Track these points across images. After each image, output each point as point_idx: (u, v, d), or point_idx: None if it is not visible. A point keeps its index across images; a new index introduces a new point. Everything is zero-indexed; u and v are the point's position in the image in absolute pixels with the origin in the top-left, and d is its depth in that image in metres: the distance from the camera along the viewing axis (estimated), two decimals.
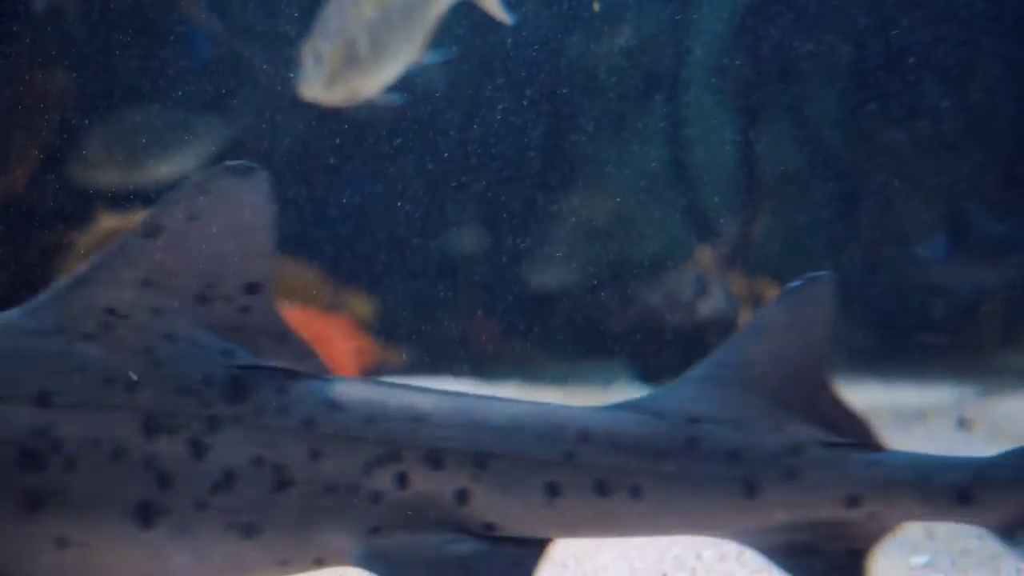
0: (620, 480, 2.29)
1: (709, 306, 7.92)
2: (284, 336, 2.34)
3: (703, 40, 8.97)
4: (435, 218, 7.97)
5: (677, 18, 8.83)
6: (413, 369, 7.13)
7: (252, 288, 2.31)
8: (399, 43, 5.12)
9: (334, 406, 2.27)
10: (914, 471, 2.37)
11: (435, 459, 2.25)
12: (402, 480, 2.24)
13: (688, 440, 2.34)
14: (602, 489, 2.28)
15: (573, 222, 8.68)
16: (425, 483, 2.24)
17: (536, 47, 7.36)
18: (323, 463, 2.22)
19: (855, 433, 2.41)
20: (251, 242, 2.32)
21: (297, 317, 6.60)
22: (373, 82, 5.24)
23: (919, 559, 3.29)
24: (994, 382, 8.00)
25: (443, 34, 7.40)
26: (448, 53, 6.72)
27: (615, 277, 8.32)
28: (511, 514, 2.26)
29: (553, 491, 2.27)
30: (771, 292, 8.32)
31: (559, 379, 7.47)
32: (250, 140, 7.67)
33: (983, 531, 3.72)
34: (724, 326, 7.91)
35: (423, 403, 2.32)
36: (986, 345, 9.04)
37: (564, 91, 7.93)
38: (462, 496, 2.25)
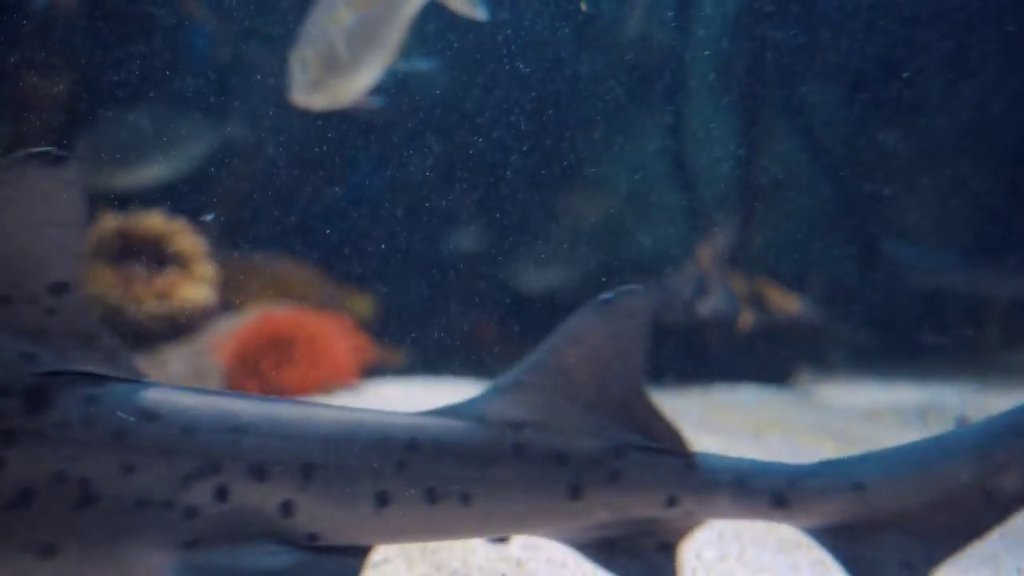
0: (451, 488, 2.32)
1: (709, 306, 7.92)
2: (94, 339, 2.20)
3: (703, 40, 8.97)
4: (435, 218, 7.97)
5: (677, 19, 8.83)
6: (413, 369, 7.13)
7: (59, 288, 2.15)
8: (375, 47, 5.26)
9: (148, 416, 2.15)
10: (732, 475, 2.49)
11: (258, 471, 2.18)
12: (222, 493, 2.15)
13: (515, 446, 2.39)
14: (433, 497, 2.30)
15: (572, 222, 8.68)
16: (247, 496, 2.17)
17: (535, 47, 7.36)
18: (135, 477, 2.10)
19: (669, 439, 2.49)
20: (58, 238, 2.15)
21: (296, 316, 6.61)
22: (354, 86, 5.38)
23: None
24: (994, 382, 8.01)
25: (439, 35, 7.41)
26: (433, 61, 6.79)
27: (615, 277, 8.32)
28: (338, 524, 2.24)
29: (383, 500, 2.26)
30: (771, 292, 8.35)
31: None
32: (250, 139, 7.68)
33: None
34: (724, 326, 7.92)
35: (247, 412, 2.23)
36: (986, 345, 9.05)
37: (564, 91, 7.93)
38: (287, 508, 2.19)
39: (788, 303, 8.33)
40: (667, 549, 2.51)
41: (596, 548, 2.50)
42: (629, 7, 8.61)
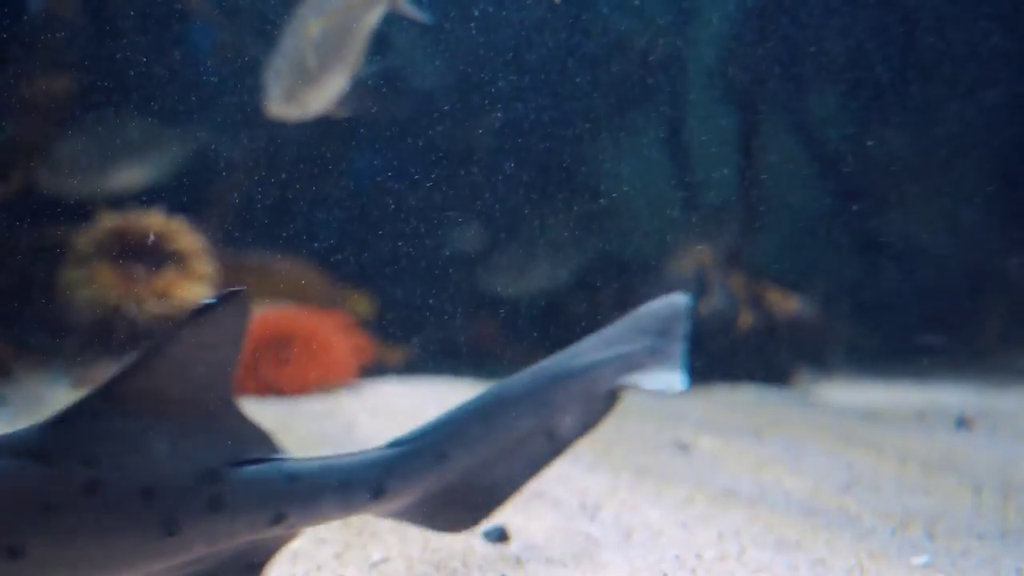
0: None
1: (709, 306, 7.92)
2: None
3: (705, 39, 8.97)
4: (436, 218, 7.97)
5: (679, 17, 8.83)
6: (413, 369, 7.13)
7: None
8: (342, 57, 5.38)
9: None
10: (334, 477, 2.41)
11: None
12: None
13: (87, 485, 2.05)
14: None
15: (573, 223, 8.68)
16: None
17: (534, 45, 7.36)
18: None
19: (262, 447, 2.33)
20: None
21: (296, 315, 6.61)
22: (324, 96, 5.49)
23: (919, 559, 3.29)
24: (994, 381, 8.02)
25: (436, 34, 7.41)
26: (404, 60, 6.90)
27: (614, 276, 8.33)
28: None
29: None
30: (771, 292, 8.35)
31: None
32: (252, 139, 7.67)
33: (983, 531, 3.73)
34: (724, 325, 7.92)
35: None
36: (986, 345, 9.06)
37: (563, 89, 7.93)
38: None
39: (788, 303, 8.33)
40: (255, 568, 2.36)
41: None
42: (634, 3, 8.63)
